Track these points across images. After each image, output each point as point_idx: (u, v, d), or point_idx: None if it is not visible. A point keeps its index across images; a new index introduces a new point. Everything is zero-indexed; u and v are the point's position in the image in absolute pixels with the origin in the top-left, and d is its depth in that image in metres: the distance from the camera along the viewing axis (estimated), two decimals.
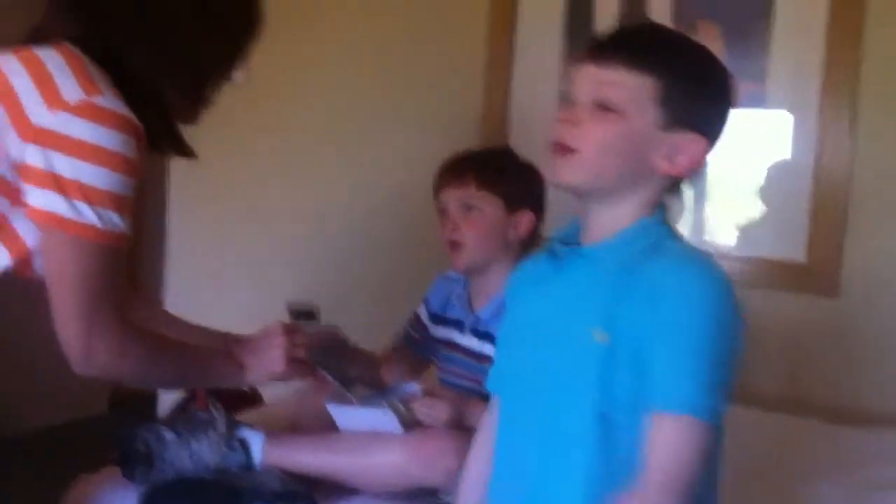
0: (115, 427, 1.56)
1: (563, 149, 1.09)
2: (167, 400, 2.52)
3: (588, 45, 1.12)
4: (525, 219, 1.71)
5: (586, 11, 2.46)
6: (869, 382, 2.24)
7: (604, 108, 1.07)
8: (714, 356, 1.03)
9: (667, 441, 1.02)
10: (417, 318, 1.87)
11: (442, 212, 1.74)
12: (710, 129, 1.12)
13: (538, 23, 2.52)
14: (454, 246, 1.70)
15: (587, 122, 1.08)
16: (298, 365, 1.49)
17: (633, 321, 1.03)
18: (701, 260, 1.09)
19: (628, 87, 1.07)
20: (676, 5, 2.39)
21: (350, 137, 2.74)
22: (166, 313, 1.66)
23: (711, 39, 2.34)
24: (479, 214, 1.69)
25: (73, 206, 1.17)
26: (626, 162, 1.09)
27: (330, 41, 2.76)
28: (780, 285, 2.29)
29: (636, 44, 1.10)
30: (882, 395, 2.23)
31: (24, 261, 1.23)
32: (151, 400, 2.94)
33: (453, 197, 1.71)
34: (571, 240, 1.16)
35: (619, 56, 1.08)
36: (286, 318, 1.58)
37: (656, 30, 1.20)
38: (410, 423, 1.55)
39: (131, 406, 3.02)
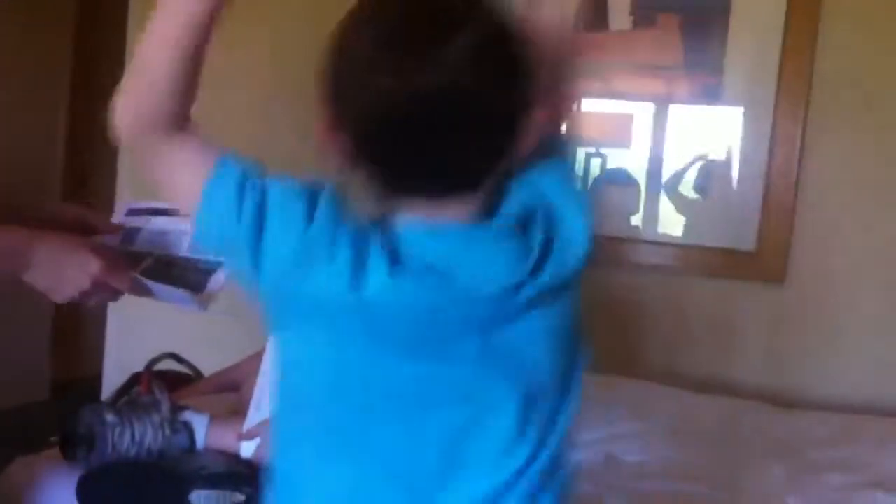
0: (57, 413, 1.52)
1: None
2: (111, 385, 2.45)
3: None
4: None
5: None
6: (812, 367, 2.30)
7: None
8: None
9: None
10: None
11: None
12: None
13: None
14: None
15: None
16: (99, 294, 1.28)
17: None
18: None
19: None
20: None
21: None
22: None
23: (670, 31, 2.35)
24: None
25: None
26: None
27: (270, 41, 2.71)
28: (730, 273, 2.33)
29: None
30: (825, 380, 2.28)
31: None
32: (95, 386, 2.87)
33: None
34: None
35: None
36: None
37: None
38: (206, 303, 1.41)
39: (74, 392, 2.96)
